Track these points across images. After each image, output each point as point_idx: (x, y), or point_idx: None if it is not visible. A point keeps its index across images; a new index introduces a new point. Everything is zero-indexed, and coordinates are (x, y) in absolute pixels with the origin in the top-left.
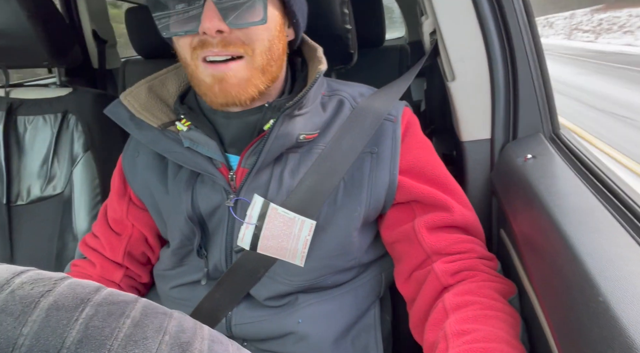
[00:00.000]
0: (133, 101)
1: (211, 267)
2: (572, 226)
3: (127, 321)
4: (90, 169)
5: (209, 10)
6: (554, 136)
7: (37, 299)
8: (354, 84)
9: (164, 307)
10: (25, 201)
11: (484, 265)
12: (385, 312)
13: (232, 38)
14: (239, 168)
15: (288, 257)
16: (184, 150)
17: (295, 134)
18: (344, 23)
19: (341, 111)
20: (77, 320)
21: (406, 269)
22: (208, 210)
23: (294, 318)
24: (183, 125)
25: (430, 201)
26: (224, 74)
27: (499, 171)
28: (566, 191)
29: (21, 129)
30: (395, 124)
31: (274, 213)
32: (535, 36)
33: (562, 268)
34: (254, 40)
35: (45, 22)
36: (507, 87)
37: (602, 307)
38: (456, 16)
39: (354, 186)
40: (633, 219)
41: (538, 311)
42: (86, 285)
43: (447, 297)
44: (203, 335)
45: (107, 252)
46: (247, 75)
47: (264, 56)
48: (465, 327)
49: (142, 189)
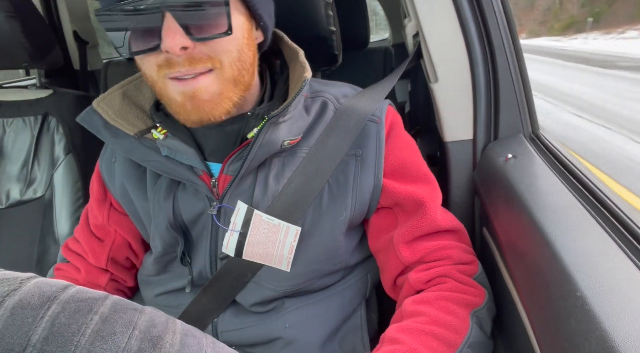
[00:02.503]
0: (107, 107)
1: (195, 274)
2: (550, 223)
3: (95, 317)
4: (71, 172)
5: (169, 25)
6: (534, 136)
7: (2, 299)
8: (337, 84)
9: (135, 303)
10: (5, 205)
11: (459, 272)
12: (372, 311)
13: (197, 53)
14: (221, 174)
15: (274, 263)
16: (163, 159)
17: (280, 140)
18: (328, 25)
19: (325, 113)
20: (43, 317)
21: (389, 278)
22: (190, 218)
23: (280, 323)
24: (159, 133)
25: (412, 206)
26: (194, 90)
27: (481, 170)
28: (545, 189)
29: (0, 132)
30: (379, 124)
31: (258, 220)
32: (515, 39)
33: (542, 265)
34: (220, 52)
35: (24, 22)
36: (488, 88)
37: (580, 302)
38: (438, 19)
39: (339, 189)
40: (609, 217)
41: (519, 307)
42: (54, 283)
43: (406, 302)
44: (175, 328)
45: (90, 258)
46: (219, 88)
47: (234, 67)
48: (398, 336)
49: (121, 195)
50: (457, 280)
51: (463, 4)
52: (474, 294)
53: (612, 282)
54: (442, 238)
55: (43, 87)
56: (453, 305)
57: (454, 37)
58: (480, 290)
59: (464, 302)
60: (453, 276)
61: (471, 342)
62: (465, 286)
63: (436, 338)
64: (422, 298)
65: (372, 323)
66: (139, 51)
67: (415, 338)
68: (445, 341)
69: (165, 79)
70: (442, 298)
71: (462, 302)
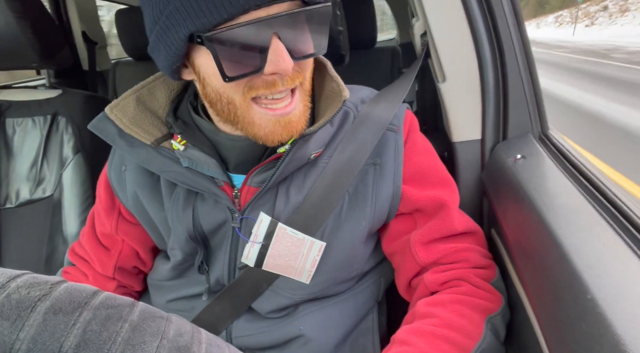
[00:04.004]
0: (121, 115)
1: (213, 282)
2: (560, 225)
3: (125, 325)
4: (80, 172)
5: (278, 47)
6: (543, 137)
7: (34, 303)
8: (354, 88)
9: (161, 311)
10: (14, 204)
11: (475, 276)
12: (382, 314)
13: (293, 72)
14: (244, 186)
15: (294, 275)
16: (183, 170)
17: (308, 155)
18: (336, 24)
19: (346, 123)
20: (75, 324)
21: (404, 279)
22: (211, 228)
23: (295, 326)
24: (179, 144)
25: (432, 210)
26: (289, 118)
27: (489, 171)
28: (555, 190)
29: (10, 132)
30: (398, 134)
31: (282, 233)
32: (524, 38)
33: (551, 266)
34: (307, 68)
35: (34, 23)
36: (497, 88)
37: (590, 304)
38: (446, 18)
39: (358, 199)
40: (620, 218)
41: (528, 309)
42: (83, 288)
43: (419, 304)
44: (201, 338)
45: (96, 267)
46: (303, 105)
47: (309, 81)
48: (408, 338)
49: (133, 204)
50: (474, 284)
51: (472, 3)
52: (490, 299)
53: (624, 284)
54: (460, 240)
55: (52, 88)
56: (467, 309)
57: (462, 36)
58: (497, 295)
59: (479, 307)
60: (469, 280)
61: (483, 348)
62: (481, 291)
63: (447, 342)
64: (435, 300)
65: (382, 325)
66: (240, 74)
67: (426, 341)
68: (456, 345)
69: (251, 102)
70: (457, 302)
71: (477, 307)
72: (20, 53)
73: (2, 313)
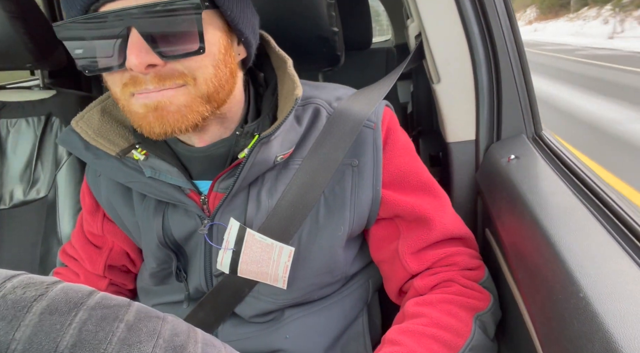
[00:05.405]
0: (86, 127)
1: (192, 290)
2: (553, 225)
3: (121, 325)
4: (74, 173)
5: (134, 42)
6: (537, 137)
7: (30, 303)
8: (329, 87)
9: (157, 311)
10: (8, 205)
11: (464, 277)
12: (375, 316)
13: (168, 70)
14: (211, 192)
15: (270, 281)
16: (147, 179)
17: (272, 157)
18: (331, 25)
19: (317, 120)
20: (71, 324)
21: (395, 287)
22: (182, 236)
23: (281, 334)
24: (140, 154)
25: (413, 217)
26: (157, 102)
27: (483, 171)
28: (548, 190)
29: (3, 132)
30: (376, 131)
31: (251, 238)
32: (517, 39)
33: (545, 266)
34: (194, 69)
35: (28, 23)
36: (490, 89)
37: (583, 303)
38: (441, 19)
39: (336, 203)
40: (612, 218)
41: (522, 308)
42: (79, 289)
43: (408, 304)
44: (197, 338)
45: (87, 265)
46: (188, 102)
47: (209, 84)
48: (398, 338)
49: (108, 210)
50: (462, 285)
51: (465, 4)
52: (478, 298)
53: (616, 284)
54: (449, 245)
55: (46, 88)
56: (455, 308)
57: (456, 38)
58: (485, 294)
59: (467, 306)
60: (458, 281)
61: (473, 345)
62: (469, 290)
63: (436, 340)
64: (424, 300)
65: (375, 328)
66: (102, 68)
67: (415, 340)
68: (445, 343)
69: (131, 98)
70: (445, 301)
71: (465, 306)
72: (14, 54)
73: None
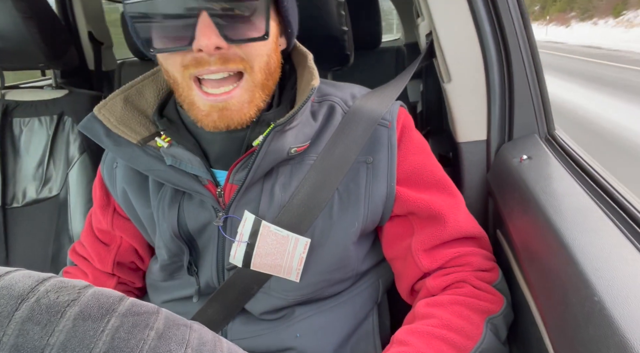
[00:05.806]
0: (108, 114)
1: (203, 284)
2: (567, 226)
3: (151, 333)
4: (86, 172)
5: (204, 24)
6: (549, 137)
7: (64, 308)
8: (345, 86)
9: (183, 318)
10: (21, 204)
11: (476, 278)
12: (384, 316)
13: (230, 54)
14: (227, 184)
15: (283, 274)
16: (167, 168)
17: (286, 148)
18: (340, 24)
19: (333, 117)
20: (104, 331)
21: (407, 284)
22: (196, 228)
23: (291, 332)
24: (163, 141)
25: (427, 214)
26: (225, 104)
27: (495, 172)
28: (561, 191)
29: (17, 131)
30: (390, 129)
31: (266, 231)
32: (530, 38)
33: (558, 268)
34: (253, 56)
35: (40, 23)
36: (502, 88)
37: (598, 307)
38: (452, 18)
39: (350, 199)
40: (627, 219)
41: (534, 311)
42: (109, 294)
43: (419, 304)
44: (222, 347)
45: (96, 263)
46: (249, 96)
47: (262, 72)
48: (407, 338)
49: (122, 200)
50: (474, 286)
51: (477, 2)
52: (490, 301)
53: (631, 287)
54: (463, 244)
55: (59, 88)
56: (467, 310)
57: (468, 36)
58: (498, 296)
59: (479, 308)
60: (470, 282)
61: (483, 348)
62: (482, 292)
63: (446, 342)
64: (435, 301)
65: (385, 328)
66: (167, 48)
67: (424, 341)
68: (455, 345)
69: (191, 81)
70: (456, 303)
71: (477, 308)
72: (27, 54)
73: (33, 317)
